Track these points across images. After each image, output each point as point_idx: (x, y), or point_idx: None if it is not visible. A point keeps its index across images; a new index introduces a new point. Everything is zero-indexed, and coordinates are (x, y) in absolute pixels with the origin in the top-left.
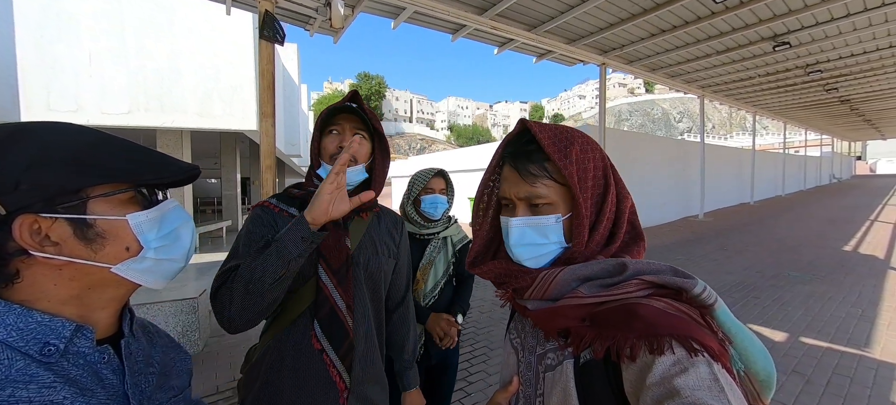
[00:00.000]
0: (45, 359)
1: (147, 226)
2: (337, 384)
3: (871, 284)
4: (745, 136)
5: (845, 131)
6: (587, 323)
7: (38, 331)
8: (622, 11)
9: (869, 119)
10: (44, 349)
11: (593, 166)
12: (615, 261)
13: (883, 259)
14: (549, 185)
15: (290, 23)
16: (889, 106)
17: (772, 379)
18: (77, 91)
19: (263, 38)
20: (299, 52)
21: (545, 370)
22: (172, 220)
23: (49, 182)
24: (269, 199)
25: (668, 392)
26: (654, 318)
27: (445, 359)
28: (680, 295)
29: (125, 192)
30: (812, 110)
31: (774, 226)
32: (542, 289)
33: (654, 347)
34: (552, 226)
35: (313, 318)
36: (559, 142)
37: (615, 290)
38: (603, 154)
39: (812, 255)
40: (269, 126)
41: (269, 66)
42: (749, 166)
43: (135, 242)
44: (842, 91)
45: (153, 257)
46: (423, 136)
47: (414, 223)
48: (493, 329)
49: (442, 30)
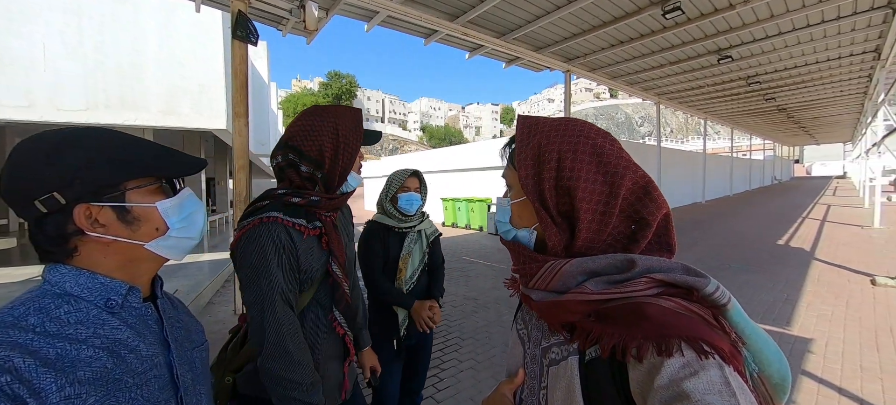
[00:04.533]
0: (109, 310)
1: (171, 210)
2: (350, 349)
3: (797, 273)
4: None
5: (785, 137)
6: (593, 319)
7: (103, 290)
8: (584, 23)
9: (804, 126)
10: (108, 302)
11: (557, 159)
12: (624, 257)
13: (809, 251)
14: (510, 169)
15: (262, 23)
16: (820, 114)
17: (786, 382)
18: (28, 85)
19: (236, 38)
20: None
21: (550, 364)
22: (189, 206)
23: (97, 178)
24: (272, 212)
25: (677, 395)
26: (663, 319)
27: (423, 340)
28: (691, 294)
29: (153, 184)
30: (755, 117)
31: (722, 223)
32: (546, 279)
33: (663, 349)
34: (504, 208)
35: (331, 307)
36: (528, 132)
37: (623, 287)
38: (588, 151)
39: (752, 249)
40: (242, 126)
41: (243, 65)
42: (701, 168)
43: (163, 224)
44: (779, 100)
45: (176, 236)
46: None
47: (392, 218)
48: (464, 322)
49: (415, 34)
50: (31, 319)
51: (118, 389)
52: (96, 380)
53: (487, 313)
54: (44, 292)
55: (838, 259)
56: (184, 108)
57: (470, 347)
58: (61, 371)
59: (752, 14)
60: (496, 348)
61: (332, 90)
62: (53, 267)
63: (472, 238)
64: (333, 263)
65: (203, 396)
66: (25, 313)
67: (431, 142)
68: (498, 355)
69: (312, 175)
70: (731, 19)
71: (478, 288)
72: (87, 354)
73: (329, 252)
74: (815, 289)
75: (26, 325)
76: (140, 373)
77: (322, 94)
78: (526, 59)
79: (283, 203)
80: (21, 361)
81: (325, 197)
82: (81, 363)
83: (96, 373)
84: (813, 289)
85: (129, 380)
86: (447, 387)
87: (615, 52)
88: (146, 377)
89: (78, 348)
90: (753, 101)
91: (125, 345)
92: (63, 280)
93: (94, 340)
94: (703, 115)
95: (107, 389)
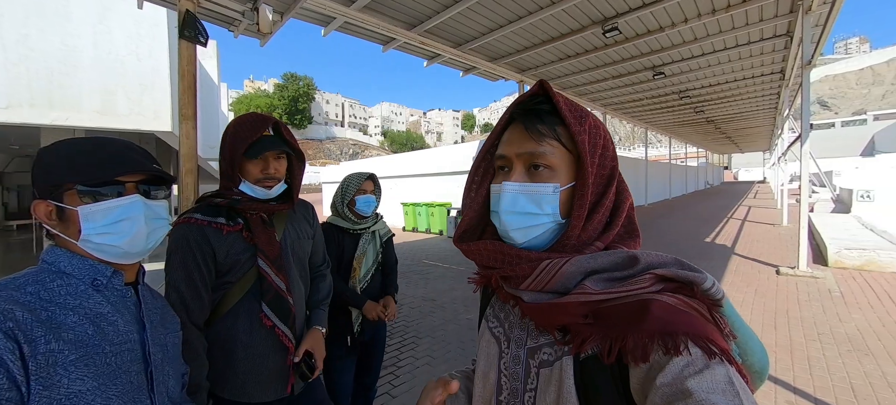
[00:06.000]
0: (95, 288)
1: (91, 216)
2: (288, 347)
3: (719, 266)
4: (643, 149)
5: (715, 145)
6: (589, 319)
7: (91, 270)
8: (534, 37)
9: (729, 136)
10: (94, 281)
11: (603, 144)
12: (626, 254)
13: (730, 247)
14: (556, 147)
15: (212, 23)
16: (742, 126)
17: (765, 372)
18: None
19: (184, 38)
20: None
21: (540, 366)
22: (120, 214)
23: (48, 180)
24: (190, 214)
25: (680, 392)
26: (670, 316)
27: (376, 335)
28: (692, 289)
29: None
30: (689, 128)
31: (662, 223)
32: (543, 280)
33: (670, 346)
34: (548, 196)
35: (259, 301)
36: (575, 110)
37: (628, 285)
38: (613, 141)
39: (685, 246)
40: (190, 128)
41: (191, 66)
42: (644, 174)
43: (80, 227)
44: (707, 113)
45: (95, 241)
46: (355, 141)
47: (347, 220)
48: (421, 321)
49: (373, 41)
50: (29, 288)
51: (95, 353)
52: (77, 342)
53: (444, 313)
54: (41, 269)
55: (752, 253)
56: (121, 108)
57: (426, 346)
58: (50, 329)
59: (680, 36)
60: (452, 345)
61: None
62: (51, 249)
63: (431, 242)
64: (260, 258)
65: (170, 376)
66: (25, 283)
67: (393, 147)
68: (453, 352)
69: (231, 178)
70: (663, 40)
71: (436, 289)
72: (72, 320)
73: (255, 246)
74: (732, 279)
75: (26, 291)
76: (116, 343)
77: (278, 97)
78: (482, 68)
79: (207, 204)
80: (21, 314)
81: (246, 196)
82: (67, 327)
83: (78, 336)
84: (730, 280)
85: (106, 348)
86: (402, 383)
87: (564, 65)
88: (121, 348)
89: (65, 314)
90: (686, 112)
91: (105, 319)
92: (58, 260)
93: (80, 310)
94: (645, 125)
95: (85, 351)
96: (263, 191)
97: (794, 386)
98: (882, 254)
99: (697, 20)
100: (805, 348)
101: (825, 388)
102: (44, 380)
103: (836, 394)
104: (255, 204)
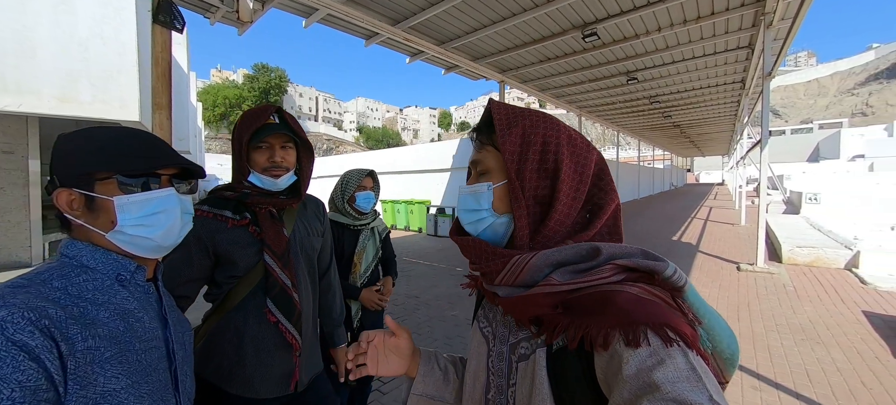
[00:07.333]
0: (120, 283)
1: (127, 207)
2: (293, 345)
3: (685, 262)
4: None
5: (679, 149)
6: (560, 310)
7: (115, 265)
8: (516, 39)
9: (693, 140)
10: (118, 276)
11: (543, 142)
12: (589, 246)
13: (694, 245)
14: (491, 151)
15: (188, 8)
16: (705, 131)
17: (735, 357)
18: None
19: (158, 24)
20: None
21: (519, 359)
22: (156, 206)
23: (74, 169)
24: (198, 205)
25: (647, 386)
26: (630, 306)
27: (377, 325)
28: (653, 278)
29: (112, 179)
30: (657, 131)
31: (631, 222)
32: (513, 274)
33: (630, 337)
34: (484, 194)
35: (265, 297)
36: (510, 116)
37: (590, 276)
38: (564, 138)
39: (653, 244)
40: (163, 119)
41: (165, 53)
42: (615, 174)
43: (116, 218)
44: (674, 118)
45: (129, 233)
46: (330, 137)
47: (347, 216)
48: (406, 319)
49: (355, 35)
50: (55, 283)
51: (128, 350)
52: (112, 338)
53: (429, 310)
54: (63, 264)
55: (715, 250)
56: (84, 95)
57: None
58: (85, 326)
59: (653, 43)
60: (437, 341)
61: (259, 84)
62: (71, 242)
63: (411, 239)
64: (266, 252)
65: (188, 375)
66: (50, 278)
67: (368, 143)
68: (439, 348)
69: (241, 170)
70: (637, 47)
71: (419, 286)
72: (104, 316)
73: (262, 241)
74: (697, 275)
75: (52, 286)
76: (144, 340)
77: (247, 88)
78: (464, 67)
79: (216, 197)
80: (54, 312)
81: (256, 189)
82: (100, 322)
83: (111, 332)
84: (696, 276)
85: (136, 345)
86: (390, 379)
87: (544, 67)
88: (149, 346)
89: (97, 310)
90: (655, 117)
91: (133, 315)
92: (80, 254)
93: (109, 306)
94: (617, 128)
95: (119, 347)
96: (271, 181)
97: (757, 373)
98: (828, 251)
99: (670, 29)
100: (765, 338)
101: (784, 374)
102: (81, 379)
103: (794, 379)
104: (264, 198)
